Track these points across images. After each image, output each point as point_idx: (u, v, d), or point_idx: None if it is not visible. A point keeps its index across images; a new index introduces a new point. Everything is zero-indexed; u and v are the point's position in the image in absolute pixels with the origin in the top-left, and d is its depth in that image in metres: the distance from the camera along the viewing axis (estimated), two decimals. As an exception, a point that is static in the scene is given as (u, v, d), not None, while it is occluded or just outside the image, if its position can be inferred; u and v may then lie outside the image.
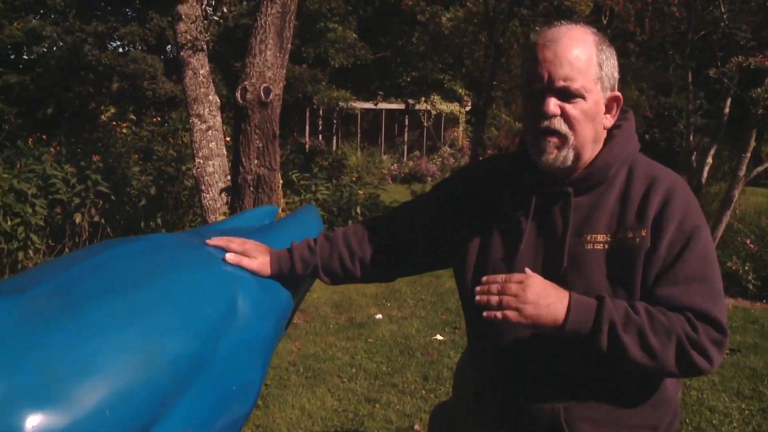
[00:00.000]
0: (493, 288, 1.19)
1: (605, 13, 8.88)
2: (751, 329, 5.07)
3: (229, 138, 5.89)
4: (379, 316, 5.32)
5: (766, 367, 4.28)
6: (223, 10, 5.85)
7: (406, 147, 18.55)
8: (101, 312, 1.15)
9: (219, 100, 5.44)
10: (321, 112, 17.59)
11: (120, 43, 15.91)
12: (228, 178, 5.07)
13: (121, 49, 15.77)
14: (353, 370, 4.17)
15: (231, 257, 1.41)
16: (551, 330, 1.20)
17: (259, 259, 1.44)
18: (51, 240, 6.15)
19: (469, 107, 17.46)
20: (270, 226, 1.70)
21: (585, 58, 1.25)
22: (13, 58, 15.54)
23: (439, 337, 4.79)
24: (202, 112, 5.22)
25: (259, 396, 3.70)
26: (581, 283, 1.25)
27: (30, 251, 5.75)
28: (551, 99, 1.25)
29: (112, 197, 6.50)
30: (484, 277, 1.22)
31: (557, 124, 1.26)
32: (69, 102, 15.18)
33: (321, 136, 18.17)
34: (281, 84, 4.56)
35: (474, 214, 1.41)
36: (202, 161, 5.15)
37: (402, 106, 17.82)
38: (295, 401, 3.69)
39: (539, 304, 1.18)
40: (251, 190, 4.53)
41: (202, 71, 5.30)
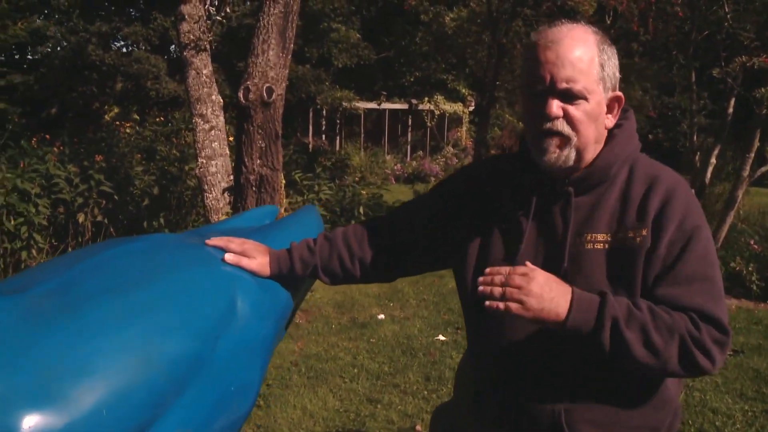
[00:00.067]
0: (497, 279, 1.17)
1: (609, 13, 8.87)
2: (755, 330, 5.05)
3: (232, 138, 5.89)
4: (382, 316, 5.31)
5: (769, 368, 4.27)
6: (226, 10, 5.84)
7: (409, 147, 18.56)
8: (100, 312, 1.15)
9: (222, 100, 5.44)
10: (324, 112, 17.61)
11: (123, 43, 15.96)
12: (231, 178, 5.08)
13: (125, 49, 15.81)
14: (355, 370, 4.17)
15: (230, 257, 1.41)
16: (553, 325, 1.18)
17: (259, 260, 1.44)
18: (54, 240, 6.16)
19: (473, 107, 17.45)
20: (270, 226, 1.70)
21: (587, 58, 1.24)
22: (18, 58, 15.59)
23: (442, 338, 4.78)
24: (205, 112, 5.23)
25: (261, 396, 3.71)
26: (582, 283, 1.25)
27: (33, 251, 5.75)
28: (554, 101, 1.24)
29: (115, 197, 6.50)
30: (487, 269, 1.19)
31: (560, 125, 1.25)
32: (73, 102, 15.23)
33: (324, 136, 18.18)
34: (284, 84, 4.56)
35: (474, 213, 1.40)
36: (204, 161, 5.15)
37: (405, 106, 17.82)
38: (297, 401, 3.69)
39: (543, 297, 1.16)
40: (254, 190, 4.53)
41: (205, 71, 5.30)
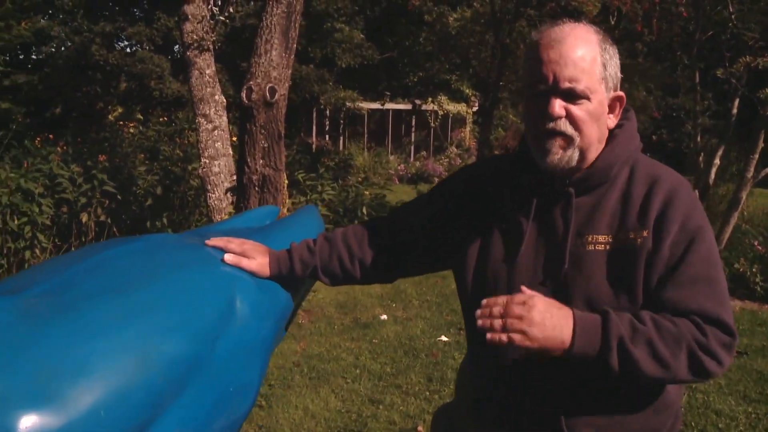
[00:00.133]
0: (495, 311, 1.15)
1: (613, 14, 8.85)
2: (759, 332, 5.03)
3: (236, 138, 5.89)
4: (384, 316, 5.31)
5: (773, 370, 4.25)
6: (230, 10, 5.85)
7: (412, 147, 18.56)
8: (99, 312, 1.15)
9: (225, 100, 5.45)
10: (328, 112, 17.63)
11: (127, 43, 16.01)
12: (234, 178, 5.08)
13: (129, 49, 15.87)
14: (357, 370, 4.16)
15: (230, 258, 1.40)
16: (559, 353, 1.16)
17: (258, 260, 1.44)
18: (57, 239, 6.16)
19: (476, 108, 17.44)
20: (270, 226, 1.69)
21: (590, 58, 1.23)
22: (22, 58, 15.63)
23: (444, 338, 4.77)
24: (208, 112, 5.23)
25: (263, 396, 3.71)
26: (582, 284, 1.24)
27: (37, 250, 5.76)
28: (556, 100, 1.23)
29: (118, 197, 6.51)
30: (483, 300, 1.17)
31: (563, 125, 1.24)
32: (77, 102, 15.27)
33: (328, 136, 18.20)
34: (287, 84, 4.56)
35: (475, 214, 1.39)
36: (207, 161, 5.16)
37: (409, 106, 17.83)
38: (299, 402, 3.68)
39: (545, 324, 1.14)
40: (256, 190, 4.53)
41: (208, 71, 5.31)
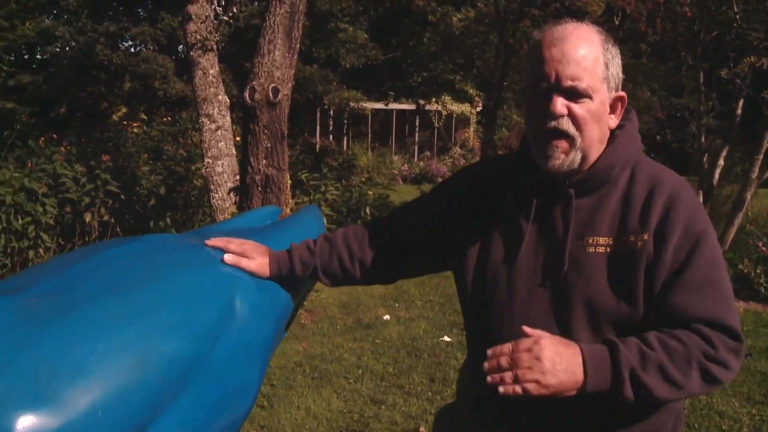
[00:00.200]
0: (503, 361, 1.14)
1: (617, 14, 8.83)
2: (763, 333, 5.01)
3: (239, 138, 5.90)
4: (387, 317, 5.30)
5: (777, 372, 4.23)
6: (233, 10, 5.85)
7: (416, 147, 18.55)
8: (98, 312, 1.15)
9: (229, 100, 5.44)
10: (332, 112, 17.63)
11: (132, 43, 16.04)
12: (237, 178, 5.08)
13: (133, 49, 15.89)
14: (359, 371, 4.16)
15: (229, 258, 1.40)
16: (572, 393, 1.15)
17: (258, 260, 1.43)
18: (61, 239, 6.17)
19: (480, 108, 17.43)
20: (271, 226, 1.69)
21: (592, 57, 1.23)
22: (27, 58, 15.68)
23: (447, 339, 4.77)
24: (211, 112, 5.23)
25: (265, 396, 3.71)
26: (582, 287, 1.23)
27: (40, 250, 5.77)
28: (558, 99, 1.22)
29: (121, 197, 6.51)
30: (489, 350, 1.16)
31: (565, 124, 1.23)
32: (81, 102, 15.30)
33: (332, 136, 18.20)
34: (290, 84, 4.56)
35: (477, 213, 1.39)
36: (211, 161, 5.16)
37: (413, 106, 17.82)
38: (301, 402, 3.68)
39: (557, 369, 1.13)
40: (259, 190, 4.53)
41: (211, 71, 5.31)
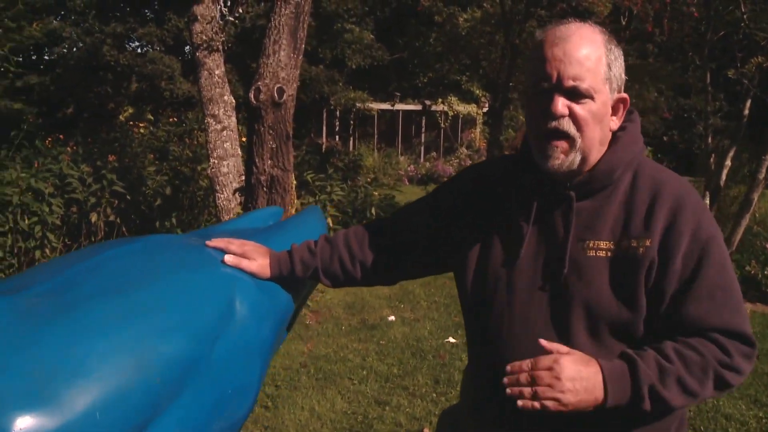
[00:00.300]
0: (522, 378, 1.15)
1: (624, 14, 8.81)
2: (770, 335, 4.99)
3: (245, 138, 5.90)
4: (392, 317, 5.29)
5: (784, 374, 4.21)
6: (239, 11, 5.86)
7: (422, 148, 18.55)
8: (99, 313, 1.15)
9: (235, 100, 5.45)
10: (338, 112, 17.65)
11: (138, 44, 16.10)
12: (242, 178, 5.08)
13: (140, 50, 15.95)
14: (364, 372, 4.15)
15: (230, 259, 1.40)
16: (591, 409, 1.16)
17: (259, 261, 1.43)
18: (67, 239, 6.19)
19: (486, 108, 17.40)
20: (273, 227, 1.68)
21: (594, 57, 1.21)
22: (34, 59, 15.76)
23: (452, 340, 4.76)
24: (217, 112, 5.24)
25: (269, 397, 3.71)
26: (582, 290, 1.22)
27: (47, 250, 5.79)
28: (560, 98, 1.21)
29: (127, 197, 6.52)
30: (508, 366, 1.17)
31: (565, 124, 1.22)
32: (88, 102, 15.37)
33: (338, 136, 18.21)
34: (295, 84, 4.56)
35: (480, 213, 1.37)
36: (216, 161, 5.17)
37: (419, 107, 17.81)
38: (305, 403, 3.68)
39: (577, 389, 1.14)
40: (264, 190, 4.53)
41: (217, 72, 5.31)
